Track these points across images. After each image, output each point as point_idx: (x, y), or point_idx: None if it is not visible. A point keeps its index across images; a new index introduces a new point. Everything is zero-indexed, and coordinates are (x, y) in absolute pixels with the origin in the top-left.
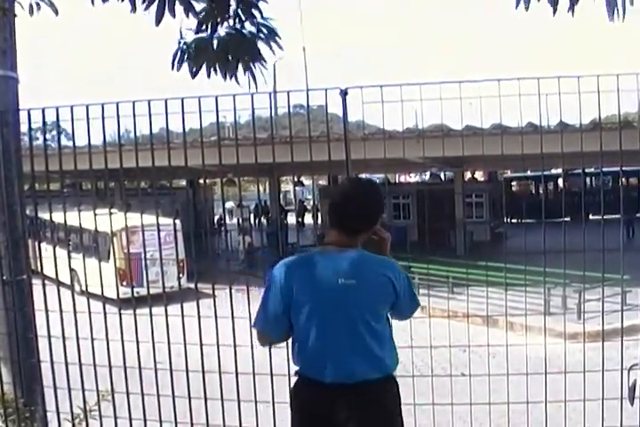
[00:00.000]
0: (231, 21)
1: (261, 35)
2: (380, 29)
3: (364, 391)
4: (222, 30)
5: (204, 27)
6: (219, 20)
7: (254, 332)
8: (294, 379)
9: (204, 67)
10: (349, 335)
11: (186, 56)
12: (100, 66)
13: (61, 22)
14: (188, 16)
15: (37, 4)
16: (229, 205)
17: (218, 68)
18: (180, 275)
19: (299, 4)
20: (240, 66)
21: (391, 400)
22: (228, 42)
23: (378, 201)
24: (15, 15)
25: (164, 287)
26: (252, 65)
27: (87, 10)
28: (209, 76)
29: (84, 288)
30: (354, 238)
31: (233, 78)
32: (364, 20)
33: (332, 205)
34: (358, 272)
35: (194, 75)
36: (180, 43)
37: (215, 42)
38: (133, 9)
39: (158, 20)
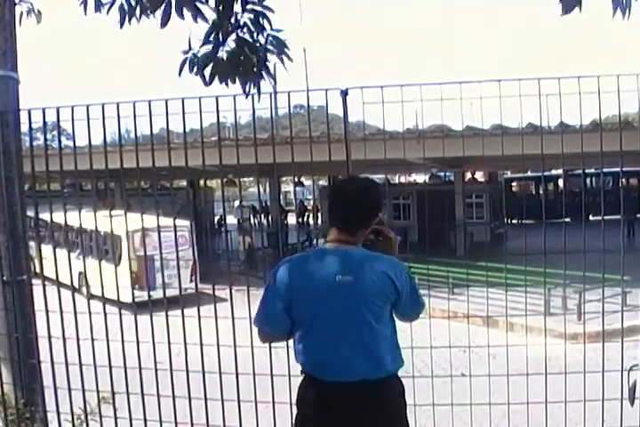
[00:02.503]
0: (238, 32)
1: (270, 46)
2: (378, 30)
3: (365, 391)
4: (231, 41)
5: (211, 37)
6: (227, 29)
7: (255, 330)
8: (298, 379)
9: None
10: (348, 333)
11: (195, 68)
12: (97, 66)
13: (59, 22)
14: (196, 21)
15: (27, 13)
16: (237, 203)
17: (229, 80)
18: (192, 277)
19: (299, 5)
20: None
21: (394, 401)
22: (237, 53)
23: (373, 199)
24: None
25: (164, 291)
26: (260, 76)
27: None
28: (221, 82)
29: (91, 292)
30: (353, 236)
31: (242, 89)
32: (361, 21)
33: (329, 204)
34: (356, 269)
35: (207, 84)
36: (186, 52)
37: (224, 54)
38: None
39: (164, 23)
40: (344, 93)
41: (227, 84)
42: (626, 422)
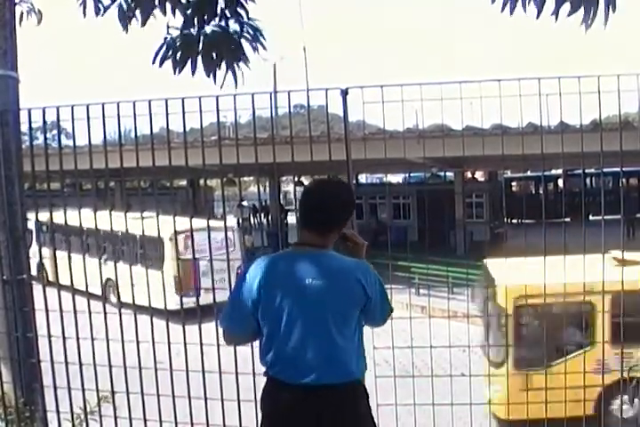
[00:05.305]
0: (217, 20)
1: (246, 34)
2: (378, 30)
3: (326, 396)
4: (208, 28)
5: (189, 23)
6: (206, 17)
7: (220, 330)
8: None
9: (189, 64)
10: (317, 337)
11: (171, 52)
12: (98, 66)
13: (59, 21)
14: (174, 13)
15: (28, 13)
16: (245, 203)
17: (201, 66)
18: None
19: (299, 5)
20: (223, 64)
21: (354, 407)
22: (214, 39)
23: (345, 201)
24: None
25: (214, 296)
26: (235, 64)
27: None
28: (194, 73)
29: (122, 299)
30: (323, 239)
31: (212, 77)
32: (361, 21)
33: (301, 206)
34: (327, 273)
35: (179, 71)
36: (165, 38)
37: (201, 39)
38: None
39: (145, 18)
40: (344, 93)
41: (206, 73)
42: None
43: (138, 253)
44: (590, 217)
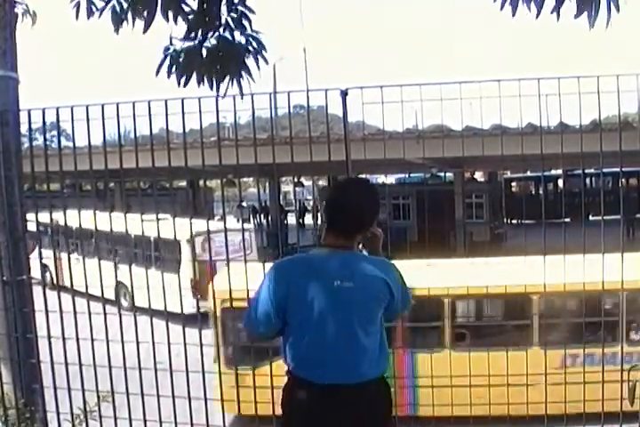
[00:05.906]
0: (220, 30)
1: (249, 47)
2: (378, 30)
3: (348, 395)
4: (212, 40)
5: (192, 34)
6: (209, 27)
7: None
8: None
9: (194, 76)
10: (345, 337)
11: (174, 65)
12: (98, 66)
13: (57, 22)
14: (176, 21)
15: (23, 15)
16: (245, 204)
17: (205, 78)
18: None
19: (299, 6)
20: (227, 76)
21: (384, 402)
22: (217, 51)
23: (373, 202)
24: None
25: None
26: (239, 75)
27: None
28: (199, 85)
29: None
30: (350, 240)
31: (215, 88)
32: (361, 21)
33: (328, 207)
34: (354, 275)
35: (185, 84)
36: (167, 50)
37: (204, 50)
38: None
39: (147, 25)
40: (344, 93)
41: (210, 84)
42: None
43: (152, 256)
44: (590, 217)
